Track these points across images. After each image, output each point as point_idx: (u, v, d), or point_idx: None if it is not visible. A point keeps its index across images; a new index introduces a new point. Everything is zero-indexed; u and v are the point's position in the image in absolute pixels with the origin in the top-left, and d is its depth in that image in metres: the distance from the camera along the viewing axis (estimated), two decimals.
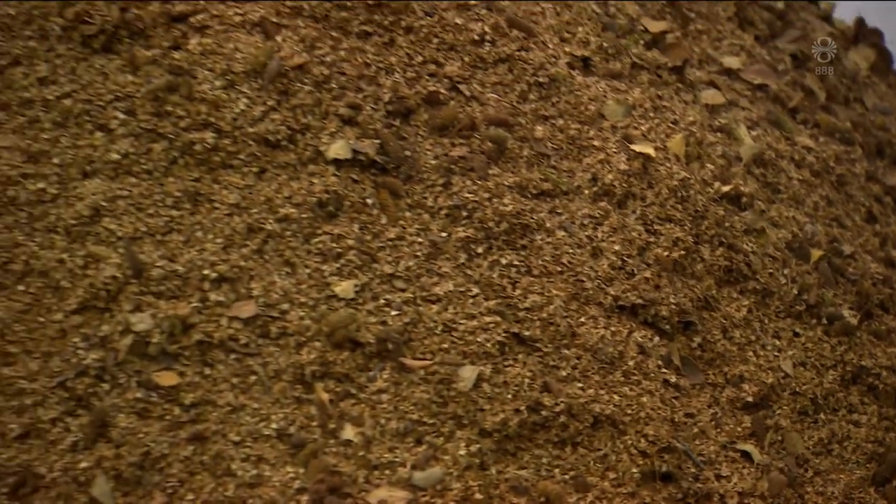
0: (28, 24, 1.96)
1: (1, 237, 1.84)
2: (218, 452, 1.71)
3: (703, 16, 2.29)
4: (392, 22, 2.00)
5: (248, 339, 1.78)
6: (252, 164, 1.88)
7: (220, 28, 1.95)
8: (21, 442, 1.71)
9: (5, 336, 1.78)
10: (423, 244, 1.86)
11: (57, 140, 1.88)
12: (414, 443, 1.74)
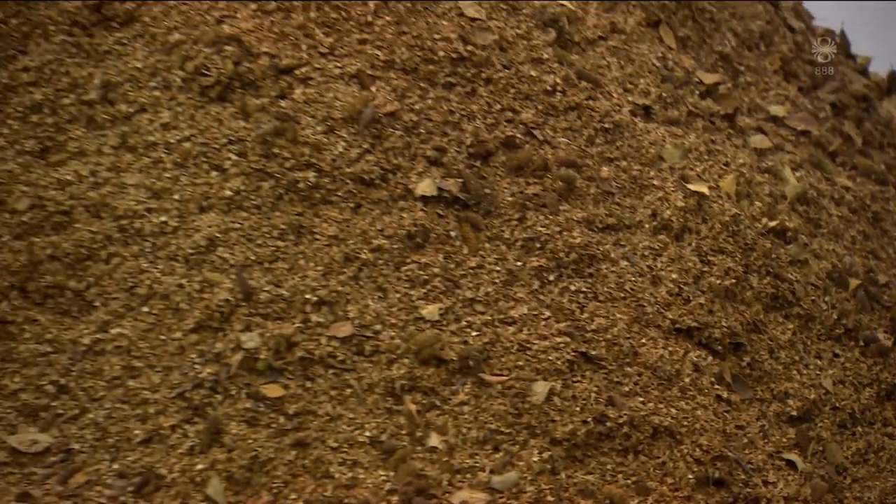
0: (153, 76, 1.96)
1: (128, 264, 1.83)
2: (318, 457, 1.70)
3: (752, 69, 2.27)
4: (474, 74, 1.98)
5: (344, 356, 1.77)
6: (349, 200, 1.87)
7: (321, 79, 1.94)
8: (145, 446, 1.70)
9: (131, 352, 1.77)
10: (500, 272, 1.86)
11: (177, 178, 1.88)
12: (492, 450, 1.73)
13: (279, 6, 2.02)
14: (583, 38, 2.09)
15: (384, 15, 2.01)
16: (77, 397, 1.77)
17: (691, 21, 2.22)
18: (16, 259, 1.84)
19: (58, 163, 1.91)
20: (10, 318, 1.82)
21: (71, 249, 1.85)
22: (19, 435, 1.73)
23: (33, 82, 1.98)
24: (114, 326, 1.81)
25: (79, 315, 1.82)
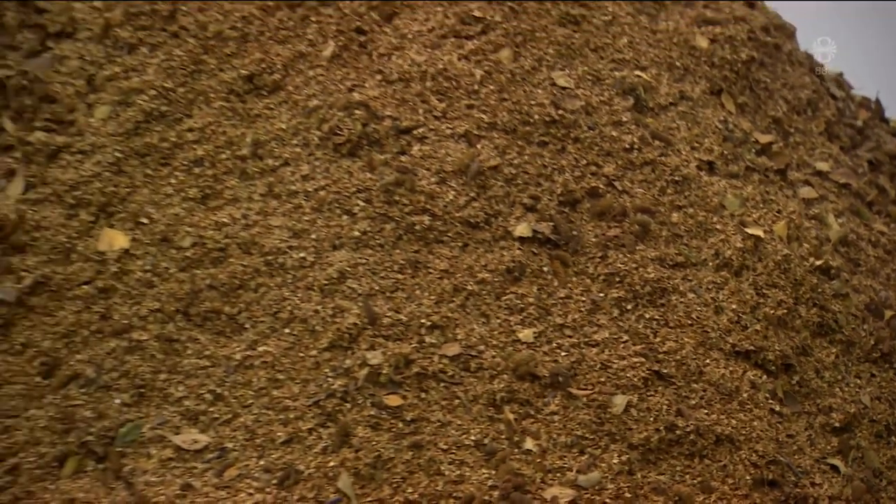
0: (295, 136, 1.96)
1: (273, 293, 1.84)
2: (431, 457, 1.69)
3: (800, 131, 2.25)
4: (564, 134, 1.97)
5: (453, 371, 1.77)
6: (457, 240, 1.87)
7: (435, 138, 1.94)
8: (286, 446, 1.70)
9: (275, 367, 1.78)
10: (585, 302, 1.84)
11: (314, 221, 1.88)
12: (578, 453, 1.72)
13: (400, 77, 2.01)
14: (656, 104, 2.07)
15: (488, 84, 2.00)
16: (230, 404, 1.77)
17: (748, 90, 2.19)
18: (181, 288, 1.84)
19: (215, 207, 1.92)
20: (176, 338, 1.82)
21: (226, 280, 1.85)
22: (183, 435, 1.73)
23: (196, 140, 1.99)
24: (261, 345, 1.81)
25: (232, 335, 1.82)
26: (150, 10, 2.07)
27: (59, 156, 1.98)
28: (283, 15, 2.09)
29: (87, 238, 1.91)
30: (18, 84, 2.03)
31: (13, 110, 2.01)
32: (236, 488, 1.69)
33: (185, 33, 2.07)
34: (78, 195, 1.93)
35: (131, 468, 1.72)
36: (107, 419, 1.76)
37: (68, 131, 1.99)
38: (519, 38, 2.06)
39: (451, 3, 2.10)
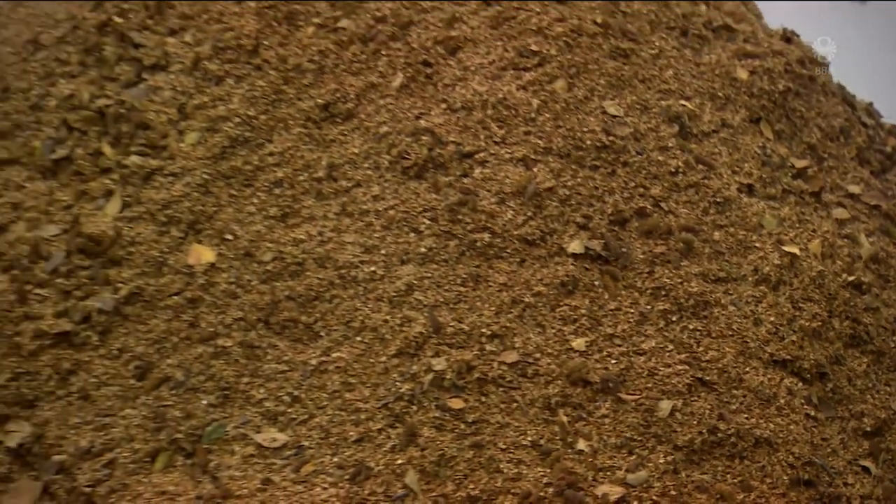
0: (366, 159, 1.97)
1: (346, 304, 1.84)
2: (490, 456, 1.69)
3: (834, 156, 2.23)
4: (614, 158, 1.97)
5: (511, 377, 1.76)
6: (515, 256, 1.87)
7: (495, 162, 1.95)
8: (357, 444, 1.71)
9: (348, 371, 1.78)
10: (634, 314, 1.84)
11: (384, 238, 1.88)
12: (627, 453, 1.71)
13: (463, 105, 2.01)
14: (700, 131, 2.06)
15: (544, 112, 2.00)
16: (307, 406, 1.77)
17: (785, 118, 2.18)
18: (262, 298, 1.85)
19: (294, 225, 1.93)
20: (257, 344, 1.83)
21: (303, 292, 1.86)
22: (263, 434, 1.74)
23: (277, 164, 1.99)
24: (335, 351, 1.81)
25: (308, 342, 1.83)
26: (236, 44, 2.08)
27: (153, 177, 1.99)
28: (357, 49, 2.10)
29: (177, 253, 1.92)
30: (116, 112, 2.04)
31: (111, 136, 2.02)
32: (312, 483, 1.69)
33: (268, 66, 2.08)
34: (169, 213, 1.95)
35: (216, 464, 1.73)
36: (194, 419, 1.77)
37: (161, 155, 2.00)
38: (573, 70, 2.06)
39: (510, 38, 2.10)
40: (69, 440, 1.77)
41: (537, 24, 2.10)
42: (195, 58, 2.07)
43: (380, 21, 2.10)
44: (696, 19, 2.24)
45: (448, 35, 2.09)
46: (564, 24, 2.10)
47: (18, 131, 2.09)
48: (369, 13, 2.12)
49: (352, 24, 2.11)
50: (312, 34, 2.10)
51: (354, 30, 2.10)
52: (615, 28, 2.11)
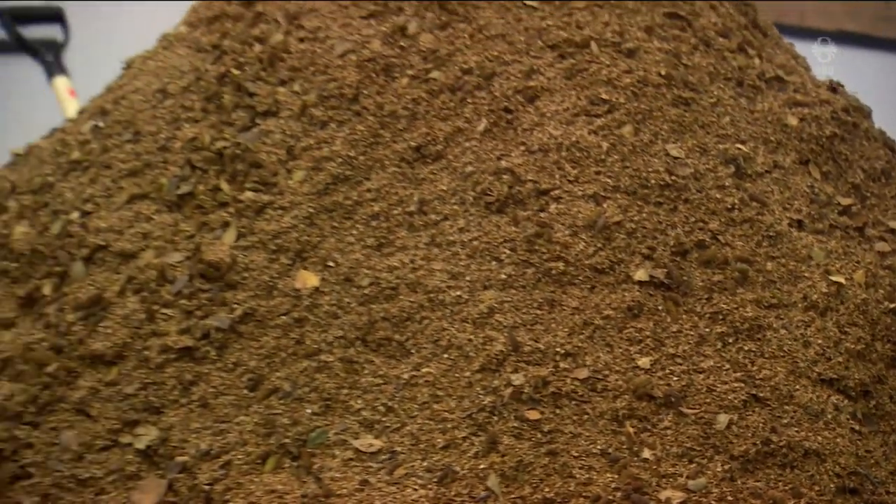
0: (453, 195, 1.97)
1: (434, 324, 1.84)
2: (564, 462, 1.68)
3: (876, 195, 2.19)
4: (675, 196, 1.96)
5: (583, 392, 1.76)
6: (586, 283, 1.87)
7: (569, 198, 1.94)
8: (444, 450, 1.71)
9: (436, 385, 1.78)
10: (693, 336, 1.83)
11: (468, 265, 1.88)
12: (688, 462, 1.70)
13: (540, 148, 2.01)
14: (754, 171, 2.05)
15: (613, 154, 1.99)
16: (399, 415, 1.77)
17: (831, 160, 2.16)
18: (360, 319, 1.85)
19: (388, 254, 1.93)
20: (355, 360, 1.83)
21: (396, 313, 1.86)
22: (361, 440, 1.74)
23: (373, 199, 2.00)
24: (424, 367, 1.81)
25: (400, 358, 1.83)
26: (339, 93, 2.08)
27: (264, 211, 2.00)
28: (446, 97, 2.10)
29: (285, 278, 1.92)
30: (233, 153, 2.05)
31: (229, 174, 2.04)
32: (404, 485, 1.69)
33: (366, 112, 2.08)
34: (279, 243, 1.95)
35: (319, 466, 1.73)
36: (300, 425, 1.77)
37: (272, 191, 2.01)
38: (639, 117, 2.05)
39: (582, 87, 2.09)
40: (190, 443, 1.79)
41: (607, 76, 2.09)
42: (302, 105, 2.08)
43: (466, 73, 2.10)
44: (750, 71, 2.22)
45: (527, 85, 2.08)
46: (632, 76, 2.09)
47: (148, 170, 2.10)
48: (457, 66, 2.11)
49: (441, 75, 2.10)
50: (406, 84, 2.10)
51: (444, 80, 2.10)
52: (677, 79, 2.10)
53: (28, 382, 1.88)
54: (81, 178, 2.16)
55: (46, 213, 2.13)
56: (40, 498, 1.73)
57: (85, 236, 2.04)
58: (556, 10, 2.18)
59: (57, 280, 2.02)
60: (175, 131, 2.15)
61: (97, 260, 2.02)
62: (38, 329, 1.96)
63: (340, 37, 2.18)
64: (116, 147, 2.18)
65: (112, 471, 1.77)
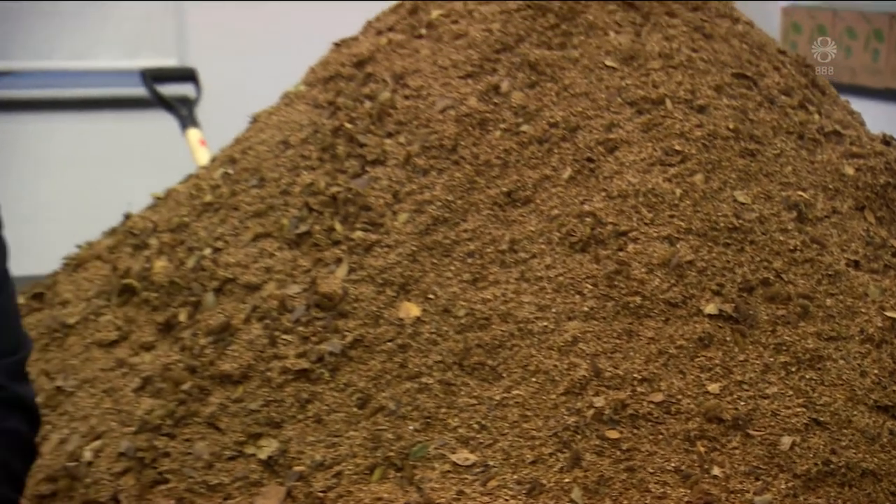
0: (540, 236, 1.97)
1: (523, 351, 1.83)
2: (641, 478, 1.68)
3: None
4: (742, 238, 1.95)
5: (658, 414, 1.75)
6: (661, 315, 1.86)
7: (645, 240, 1.94)
8: (533, 465, 1.70)
9: (525, 406, 1.77)
10: (759, 364, 1.81)
11: (554, 299, 1.88)
12: (754, 479, 1.68)
13: (619, 193, 2.00)
14: (814, 216, 2.03)
15: (685, 200, 1.98)
16: (492, 433, 1.76)
17: (885, 207, 2.12)
18: (456, 346, 1.85)
19: (482, 287, 1.92)
20: (453, 382, 1.82)
21: (489, 341, 1.85)
22: (458, 454, 1.74)
23: (469, 238, 1.99)
24: (514, 389, 1.80)
25: (493, 382, 1.82)
26: (439, 144, 2.09)
27: (373, 249, 2.00)
28: (534, 148, 2.10)
29: (390, 308, 1.92)
30: (345, 197, 2.07)
31: (341, 216, 2.05)
32: (496, 495, 1.69)
33: (464, 161, 2.09)
34: (385, 277, 1.95)
35: (420, 477, 1.72)
36: (403, 440, 1.77)
37: (379, 231, 2.02)
38: (709, 166, 2.04)
39: (657, 140, 2.08)
40: (306, 455, 1.79)
41: (680, 129, 2.08)
42: (406, 155, 2.09)
43: (553, 126, 2.10)
44: (810, 126, 2.20)
45: (607, 137, 2.08)
46: (702, 129, 2.08)
47: (271, 211, 2.11)
48: (545, 120, 2.11)
49: (531, 128, 2.10)
50: (499, 136, 2.10)
51: (533, 133, 2.09)
52: (744, 133, 2.09)
53: (166, 398, 1.90)
54: (213, 219, 2.18)
55: (183, 249, 2.15)
56: (176, 501, 1.75)
57: (216, 270, 2.06)
58: (634, 70, 2.17)
59: (191, 308, 2.04)
60: (295, 178, 2.16)
61: (226, 291, 2.03)
62: (174, 351, 1.98)
63: (441, 94, 2.18)
64: (243, 191, 2.20)
65: (238, 478, 1.77)
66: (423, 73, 2.24)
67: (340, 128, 2.20)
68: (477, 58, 2.22)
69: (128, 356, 2.02)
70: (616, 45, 2.21)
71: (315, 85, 2.39)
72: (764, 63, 2.29)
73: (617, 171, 2.05)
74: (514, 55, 2.21)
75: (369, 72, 2.30)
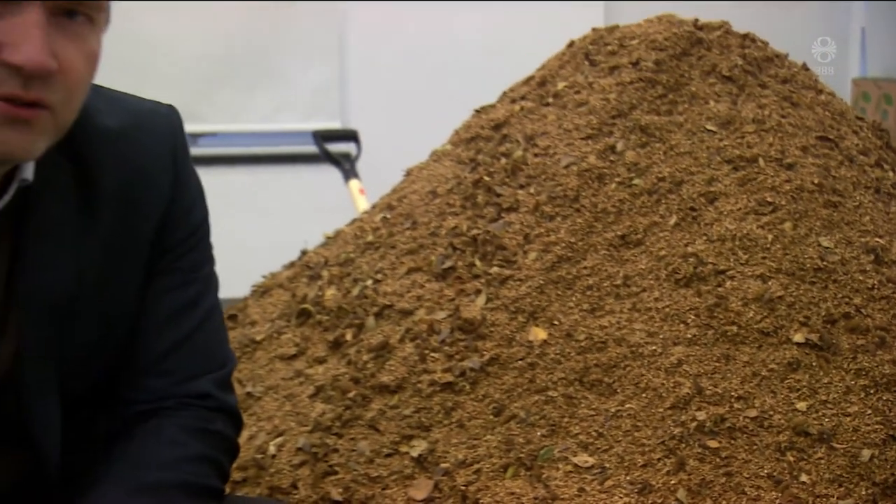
0: (650, 273, 1.96)
1: (634, 371, 1.81)
2: (737, 482, 1.67)
3: None
4: (826, 277, 1.92)
5: (753, 427, 1.73)
6: (755, 343, 1.84)
7: (741, 278, 1.92)
8: (643, 468, 1.69)
9: (636, 418, 1.76)
10: (840, 387, 1.79)
11: (662, 327, 1.88)
12: (837, 486, 1.67)
13: (719, 238, 1.98)
14: (890, 259, 2.00)
15: (776, 244, 1.96)
16: (608, 440, 1.76)
17: None
18: (577, 365, 1.84)
19: (600, 316, 1.92)
20: (574, 396, 1.81)
21: (605, 361, 1.85)
22: (578, 457, 1.74)
23: (588, 275, 1.98)
24: (627, 403, 1.79)
25: (609, 396, 1.82)
26: (563, 194, 2.09)
27: (507, 282, 2.00)
28: (645, 199, 2.09)
29: (521, 332, 1.92)
30: (484, 238, 2.08)
31: (480, 254, 2.05)
32: (612, 493, 1.68)
33: (584, 209, 2.09)
34: (517, 306, 1.95)
35: (546, 476, 1.72)
36: (532, 444, 1.76)
37: (512, 267, 2.02)
38: (797, 215, 2.02)
39: (752, 192, 2.07)
40: (451, 454, 1.80)
41: (771, 184, 2.07)
42: (536, 203, 2.10)
43: (661, 180, 2.10)
44: (885, 181, 2.18)
45: (708, 190, 2.07)
46: (791, 184, 2.07)
47: (421, 250, 2.14)
48: (654, 175, 2.11)
49: (641, 182, 2.10)
50: (615, 188, 2.10)
51: (643, 186, 2.10)
52: (827, 187, 2.08)
53: (335, 404, 1.92)
54: (374, 255, 2.22)
55: (349, 280, 2.19)
56: (343, 489, 1.77)
57: (376, 298, 2.09)
58: (731, 133, 2.17)
59: (356, 329, 2.06)
60: (441, 222, 2.18)
61: (384, 315, 2.05)
62: (342, 365, 2.01)
63: (565, 153, 2.19)
64: (399, 233, 2.23)
65: (394, 472, 1.78)
66: (550, 135, 2.25)
67: (480, 180, 2.21)
68: (596, 122, 2.23)
69: (304, 368, 2.06)
70: (715, 111, 2.21)
71: (459, 144, 2.41)
72: (844, 127, 2.28)
73: (716, 218, 2.03)
74: (627, 120, 2.22)
75: (504, 133, 2.32)
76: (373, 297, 2.09)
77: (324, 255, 2.35)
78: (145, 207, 1.04)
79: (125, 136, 1.02)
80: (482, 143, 2.34)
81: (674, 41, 2.31)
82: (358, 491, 1.77)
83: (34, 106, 0.85)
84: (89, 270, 0.99)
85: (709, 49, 2.32)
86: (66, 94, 0.88)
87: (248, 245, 2.70)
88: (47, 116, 0.87)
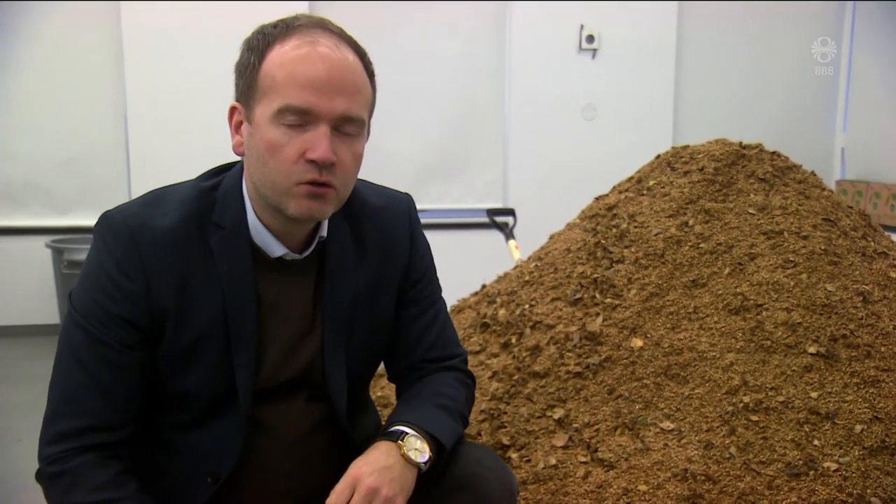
0: (711, 305, 1.93)
1: (700, 368, 1.81)
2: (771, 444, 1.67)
3: None
4: (830, 310, 1.90)
5: (780, 408, 1.72)
6: (783, 352, 1.82)
7: (772, 308, 1.90)
8: (707, 432, 1.68)
9: (702, 400, 1.76)
10: (840, 382, 1.77)
11: (719, 340, 1.85)
12: (839, 448, 1.67)
13: (758, 283, 1.97)
14: (873, 300, 1.95)
15: (795, 288, 1.93)
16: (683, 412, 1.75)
17: None
18: (662, 363, 1.83)
19: (677, 331, 1.92)
20: (661, 384, 1.81)
21: (681, 361, 1.85)
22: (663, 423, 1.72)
23: (671, 304, 1.98)
24: (695, 389, 1.80)
25: (681, 385, 1.79)
26: (653, 252, 2.08)
27: (616, 308, 1.99)
28: (707, 257, 2.05)
29: (626, 341, 1.93)
30: (601, 280, 2.07)
31: (599, 289, 2.06)
32: (685, 447, 1.71)
33: (667, 262, 2.08)
34: (622, 324, 1.95)
35: (642, 435, 1.76)
36: (633, 414, 1.79)
37: (619, 298, 2.02)
38: (810, 269, 1.99)
39: (779, 253, 2.05)
40: (580, 418, 1.85)
41: (793, 248, 2.05)
42: (635, 258, 2.10)
43: (718, 245, 2.08)
44: (869, 249, 2.14)
45: (750, 251, 2.06)
46: (806, 249, 2.04)
47: (560, 286, 2.14)
48: (713, 241, 2.08)
49: (706, 245, 2.08)
50: (688, 249, 2.09)
51: (706, 248, 2.08)
52: (829, 251, 2.06)
53: (505, 383, 2.02)
54: (529, 289, 2.30)
55: (513, 304, 2.28)
56: (509, 438, 1.83)
57: (531, 316, 2.18)
58: (765, 215, 2.17)
59: (517, 336, 2.16)
60: (573, 268, 2.24)
61: (537, 328, 2.14)
62: (509, 358, 2.10)
63: (655, 225, 2.21)
64: (546, 275, 2.30)
65: (542, 428, 1.85)
66: (645, 214, 2.28)
67: (598, 242, 2.26)
68: (675, 207, 2.26)
69: (485, 360, 2.15)
70: (754, 201, 2.22)
71: (584, 219, 2.47)
72: (840, 213, 2.25)
73: (755, 270, 2.05)
74: (696, 206, 2.24)
75: (615, 212, 2.36)
76: (529, 316, 2.16)
77: (497, 287, 2.43)
78: (395, 258, 1.07)
79: (381, 210, 1.06)
80: (599, 218, 2.38)
81: (726, 155, 2.31)
82: (519, 439, 1.84)
83: (325, 186, 0.91)
84: (361, 293, 1.02)
85: (749, 161, 2.31)
86: (343, 179, 0.93)
87: (448, 280, 2.86)
88: (333, 193, 0.93)
